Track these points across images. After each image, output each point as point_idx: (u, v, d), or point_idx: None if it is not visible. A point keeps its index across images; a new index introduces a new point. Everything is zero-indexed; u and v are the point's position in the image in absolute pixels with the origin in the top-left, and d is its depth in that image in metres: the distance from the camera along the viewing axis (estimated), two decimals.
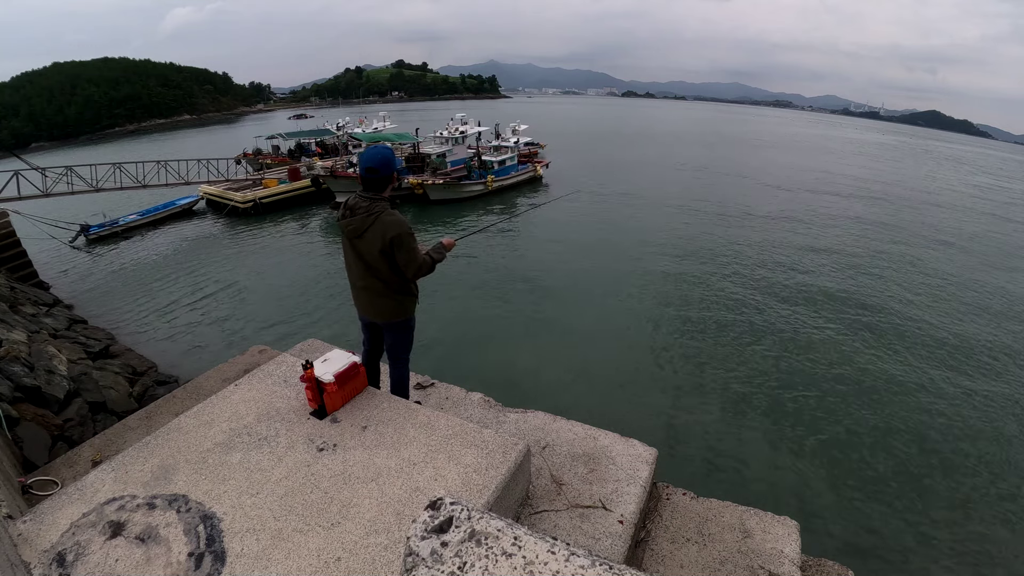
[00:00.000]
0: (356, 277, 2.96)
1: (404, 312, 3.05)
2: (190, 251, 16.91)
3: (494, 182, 23.75)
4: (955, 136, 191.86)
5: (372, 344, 3.29)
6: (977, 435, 8.12)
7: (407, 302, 3.03)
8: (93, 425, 5.69)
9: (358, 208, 2.78)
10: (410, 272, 2.85)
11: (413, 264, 2.82)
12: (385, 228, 2.73)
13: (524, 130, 32.49)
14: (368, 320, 3.14)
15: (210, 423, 2.69)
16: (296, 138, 30.35)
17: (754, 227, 20.08)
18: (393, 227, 2.73)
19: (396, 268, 2.85)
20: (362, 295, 3.00)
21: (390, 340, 3.16)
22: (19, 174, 15.75)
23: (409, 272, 2.85)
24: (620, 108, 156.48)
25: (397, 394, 3.21)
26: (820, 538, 5.80)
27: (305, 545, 1.99)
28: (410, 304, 3.06)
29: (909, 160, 56.42)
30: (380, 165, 2.79)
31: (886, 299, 13.50)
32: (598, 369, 9.45)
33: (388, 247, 2.75)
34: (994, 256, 18.73)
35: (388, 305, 2.99)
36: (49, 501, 2.23)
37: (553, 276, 14.23)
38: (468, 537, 0.94)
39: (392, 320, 3.04)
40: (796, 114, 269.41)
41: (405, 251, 2.78)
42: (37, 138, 67.14)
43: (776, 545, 2.52)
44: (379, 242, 2.74)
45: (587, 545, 2.35)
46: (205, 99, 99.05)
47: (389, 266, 2.84)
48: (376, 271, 2.86)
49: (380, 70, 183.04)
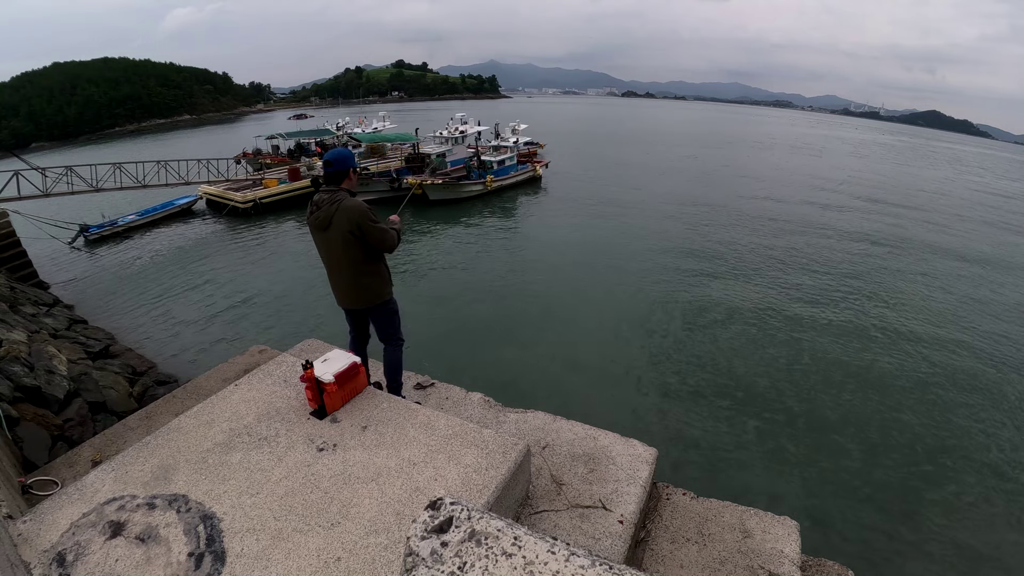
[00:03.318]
0: (331, 268, 3.13)
1: (380, 294, 3.18)
2: (190, 251, 16.91)
3: (493, 182, 23.75)
4: (956, 136, 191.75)
5: (357, 331, 3.44)
6: (978, 436, 8.12)
7: (381, 284, 3.17)
8: (93, 425, 5.69)
9: (322, 202, 2.97)
10: (386, 246, 3.03)
11: (385, 238, 3.00)
12: (348, 213, 2.90)
13: (524, 130, 32.50)
14: (348, 308, 3.29)
15: (210, 423, 2.69)
16: (296, 138, 30.36)
17: (755, 228, 20.07)
18: (355, 210, 2.91)
19: (366, 251, 3.01)
20: (339, 285, 3.16)
21: (377, 324, 3.32)
22: (19, 174, 15.76)
23: (385, 247, 3.03)
24: (620, 108, 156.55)
25: (389, 376, 3.36)
26: (820, 538, 5.80)
27: (305, 545, 1.99)
28: (384, 286, 3.19)
29: (921, 162, 56.27)
30: (335, 159, 3.01)
31: (887, 300, 13.50)
32: (598, 369, 9.45)
33: (356, 230, 2.91)
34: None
35: (364, 290, 3.14)
36: (49, 501, 2.23)
37: (553, 276, 14.24)
38: (468, 537, 0.94)
39: (371, 304, 3.19)
40: (796, 114, 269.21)
41: (373, 229, 2.95)
42: (37, 138, 67.14)
43: (776, 545, 2.51)
44: (345, 226, 2.90)
45: (587, 545, 2.34)
46: (205, 99, 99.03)
47: (358, 250, 2.99)
48: (347, 258, 3.01)
49: (380, 70, 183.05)
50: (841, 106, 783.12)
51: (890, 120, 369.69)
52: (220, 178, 22.96)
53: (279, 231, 19.10)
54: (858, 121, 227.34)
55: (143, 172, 19.09)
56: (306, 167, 24.09)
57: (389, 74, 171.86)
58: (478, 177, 23.57)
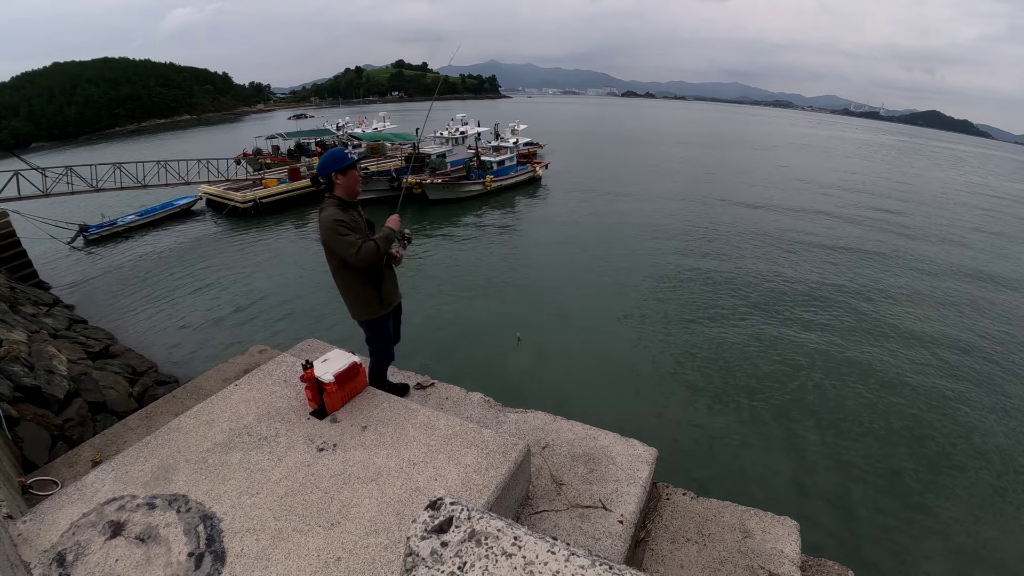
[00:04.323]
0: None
1: (363, 312, 3.08)
2: (190, 251, 16.91)
3: (493, 182, 23.75)
4: (956, 136, 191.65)
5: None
6: (979, 435, 8.11)
7: (362, 303, 3.05)
8: (93, 425, 5.68)
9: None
10: (352, 260, 2.81)
11: (350, 250, 2.79)
12: (321, 225, 2.86)
13: (523, 130, 32.50)
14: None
15: (210, 423, 2.69)
16: (296, 138, 30.35)
17: (756, 229, 20.05)
18: (324, 223, 2.83)
19: (342, 264, 2.92)
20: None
21: (364, 335, 3.27)
22: (19, 174, 15.75)
23: (352, 261, 2.81)
24: (620, 108, 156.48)
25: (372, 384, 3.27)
26: (820, 538, 5.79)
27: (305, 545, 1.99)
28: (366, 305, 3.06)
29: (923, 161, 56.29)
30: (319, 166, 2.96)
31: (888, 300, 13.49)
32: (598, 369, 9.44)
33: (326, 243, 2.87)
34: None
35: (350, 303, 3.10)
36: (49, 501, 2.23)
37: (553, 276, 14.23)
38: (468, 537, 0.94)
39: (357, 318, 3.15)
40: (797, 114, 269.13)
41: (338, 242, 2.80)
42: (37, 138, 67.15)
43: (776, 545, 2.51)
44: (321, 237, 2.89)
45: (587, 545, 2.35)
46: (205, 99, 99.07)
47: (335, 262, 2.95)
48: (331, 269, 3.00)
49: (380, 70, 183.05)
50: (841, 106, 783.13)
51: (890, 120, 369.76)
52: (220, 178, 22.94)
53: (279, 231, 19.10)
54: (858, 121, 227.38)
55: (143, 172, 19.08)
56: (306, 167, 24.10)
57: (389, 74, 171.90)
58: (478, 177, 23.59)
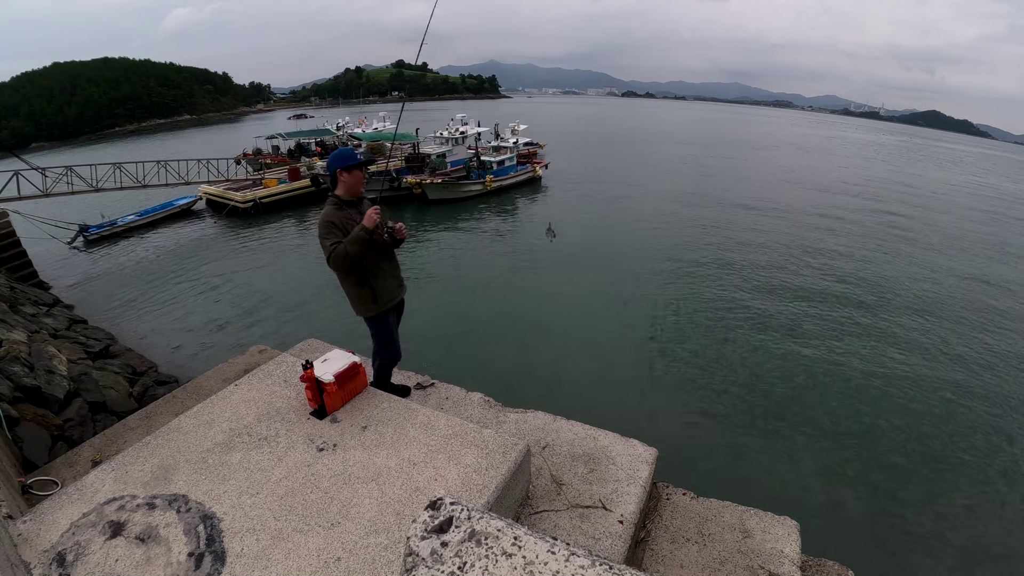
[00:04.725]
0: None
1: (361, 309, 3.16)
2: (190, 251, 16.91)
3: (493, 182, 23.76)
4: (956, 136, 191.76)
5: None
6: (979, 435, 8.11)
7: (358, 300, 3.13)
8: (93, 425, 5.69)
9: None
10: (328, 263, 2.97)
11: (324, 254, 2.95)
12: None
13: (523, 130, 32.49)
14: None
15: (210, 423, 2.69)
16: (296, 138, 30.35)
17: (756, 229, 20.06)
18: (319, 220, 2.96)
19: None
20: None
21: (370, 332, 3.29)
22: (19, 174, 15.75)
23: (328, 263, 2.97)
24: (620, 108, 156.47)
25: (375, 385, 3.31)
26: (820, 538, 5.79)
27: (305, 545, 1.99)
28: (362, 303, 3.13)
29: (926, 162, 56.29)
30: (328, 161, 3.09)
31: (888, 301, 13.49)
32: (598, 369, 9.44)
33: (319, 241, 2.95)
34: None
35: (349, 300, 3.16)
36: (49, 501, 2.23)
37: (552, 276, 14.23)
38: (468, 537, 0.94)
39: (358, 315, 3.20)
40: (797, 114, 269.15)
41: (320, 243, 2.94)
42: (37, 138, 67.21)
43: (776, 545, 2.51)
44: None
45: (587, 545, 2.34)
46: (205, 99, 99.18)
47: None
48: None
49: (380, 70, 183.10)
50: (841, 106, 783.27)
51: (890, 120, 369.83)
52: (220, 178, 22.95)
53: (279, 231, 19.10)
54: (859, 121, 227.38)
55: (143, 172, 19.08)
56: (306, 167, 24.09)
57: (389, 74, 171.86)
58: (477, 177, 23.59)
